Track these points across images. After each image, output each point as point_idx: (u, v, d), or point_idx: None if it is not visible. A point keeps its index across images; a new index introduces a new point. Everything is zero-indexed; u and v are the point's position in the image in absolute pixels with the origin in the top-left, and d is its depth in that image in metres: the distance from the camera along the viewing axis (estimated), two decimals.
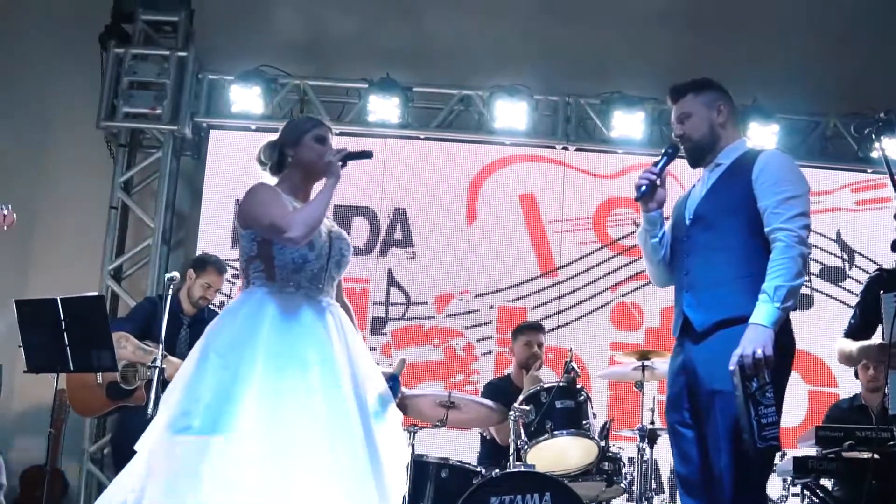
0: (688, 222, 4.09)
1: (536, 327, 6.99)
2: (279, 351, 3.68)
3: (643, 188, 4.11)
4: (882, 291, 4.54)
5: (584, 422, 5.83)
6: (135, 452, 3.72)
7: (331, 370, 3.72)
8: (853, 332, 4.84)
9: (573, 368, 5.92)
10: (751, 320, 3.74)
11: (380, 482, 3.69)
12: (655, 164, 4.15)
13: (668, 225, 4.27)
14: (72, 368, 5.73)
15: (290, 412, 3.58)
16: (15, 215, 5.44)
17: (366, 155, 4.07)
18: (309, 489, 3.49)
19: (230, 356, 3.65)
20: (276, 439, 3.52)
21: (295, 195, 3.98)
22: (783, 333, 3.79)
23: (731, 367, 3.69)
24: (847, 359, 4.94)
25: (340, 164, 3.96)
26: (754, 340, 3.69)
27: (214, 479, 3.43)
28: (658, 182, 4.13)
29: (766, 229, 3.88)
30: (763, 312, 3.74)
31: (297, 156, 4.02)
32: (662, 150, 4.23)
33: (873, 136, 4.74)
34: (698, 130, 4.12)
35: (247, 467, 3.45)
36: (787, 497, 6.16)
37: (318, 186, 4.01)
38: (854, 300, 5.09)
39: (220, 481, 3.43)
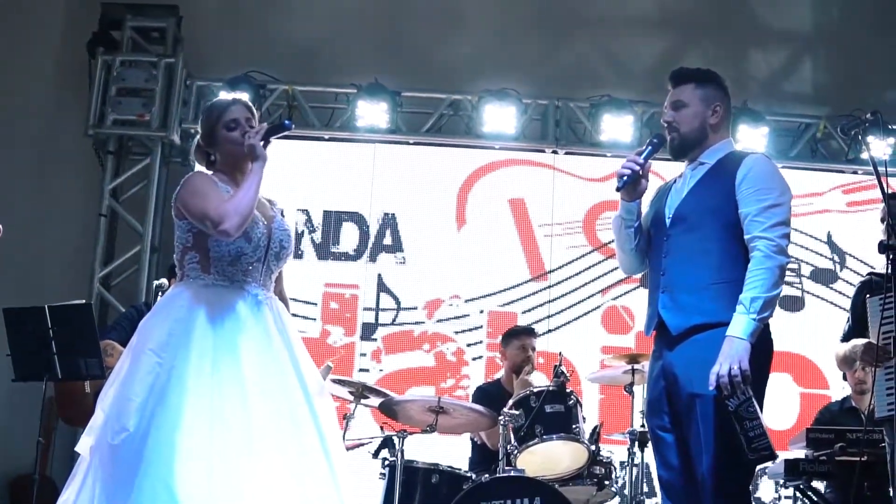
0: (667, 221, 4.03)
1: (529, 331, 6.98)
2: (213, 346, 3.61)
3: (625, 178, 4.02)
4: (868, 296, 4.54)
5: (574, 426, 5.81)
6: None
7: (267, 364, 3.66)
8: (848, 339, 4.84)
9: (563, 372, 5.91)
10: (727, 332, 3.72)
11: (332, 473, 3.61)
12: (640, 152, 4.06)
13: (644, 216, 4.20)
14: (60, 377, 5.70)
15: (226, 408, 3.51)
16: (1, 227, 5.40)
17: (284, 127, 3.90)
18: (246, 484, 3.43)
19: (165, 354, 3.59)
20: (212, 435, 3.45)
21: (234, 183, 3.84)
22: (760, 337, 3.75)
23: (711, 388, 3.67)
24: (843, 361, 4.93)
25: (263, 143, 3.82)
26: (730, 356, 3.66)
27: (152, 478, 3.37)
28: (641, 173, 4.03)
29: (746, 237, 3.84)
30: (740, 324, 3.71)
31: (218, 153, 3.94)
32: (647, 140, 4.17)
33: (860, 137, 4.73)
34: (688, 124, 4.04)
35: (183, 465, 3.38)
36: (779, 499, 6.18)
37: None
38: (845, 302, 5.09)
39: (158, 481, 3.37)
